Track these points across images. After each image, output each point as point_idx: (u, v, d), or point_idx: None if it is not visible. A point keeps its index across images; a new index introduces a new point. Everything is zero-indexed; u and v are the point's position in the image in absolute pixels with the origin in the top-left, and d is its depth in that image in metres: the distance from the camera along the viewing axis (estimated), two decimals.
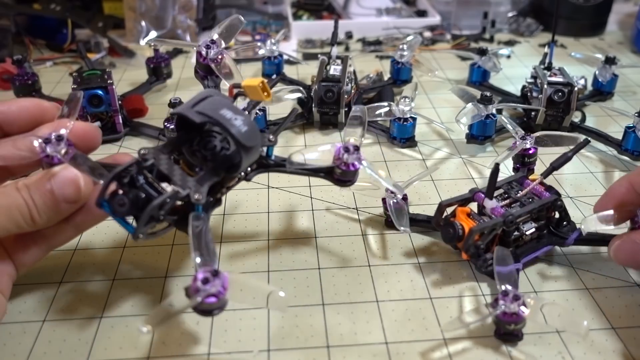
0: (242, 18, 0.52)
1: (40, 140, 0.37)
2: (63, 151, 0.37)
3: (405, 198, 0.45)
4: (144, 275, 0.42)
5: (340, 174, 0.39)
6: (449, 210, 0.43)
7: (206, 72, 0.51)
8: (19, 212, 0.33)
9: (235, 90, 0.38)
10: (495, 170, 0.40)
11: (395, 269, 0.43)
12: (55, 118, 0.40)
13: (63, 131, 0.37)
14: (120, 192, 0.33)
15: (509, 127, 0.52)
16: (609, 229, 0.39)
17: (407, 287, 0.41)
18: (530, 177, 0.46)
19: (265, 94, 0.36)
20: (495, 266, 0.38)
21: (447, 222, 0.41)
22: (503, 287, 0.36)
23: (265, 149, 0.39)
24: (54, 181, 0.34)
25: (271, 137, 0.38)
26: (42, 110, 0.40)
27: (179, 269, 0.43)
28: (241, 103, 0.38)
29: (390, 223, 0.46)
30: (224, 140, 0.36)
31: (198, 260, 0.32)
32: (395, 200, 0.44)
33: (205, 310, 0.32)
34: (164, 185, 0.34)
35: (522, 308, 0.35)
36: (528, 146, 0.48)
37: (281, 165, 0.40)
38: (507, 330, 0.36)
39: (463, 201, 0.42)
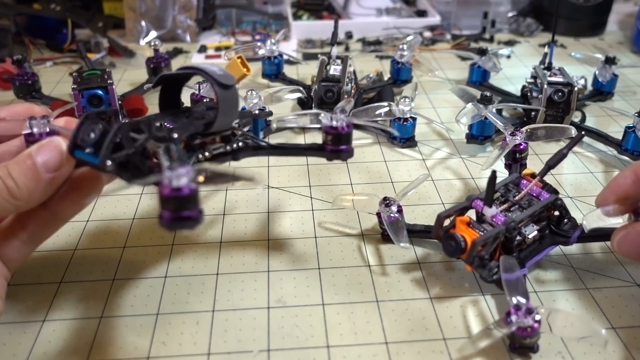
0: None
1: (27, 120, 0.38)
2: (47, 130, 0.38)
3: (400, 210, 0.44)
4: (144, 275, 0.42)
5: (331, 140, 0.36)
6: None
7: None
8: None
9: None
10: (493, 178, 0.39)
11: (395, 268, 0.43)
12: None
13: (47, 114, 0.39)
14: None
15: (499, 124, 0.52)
16: (614, 222, 0.38)
17: (407, 287, 0.41)
18: (524, 172, 0.45)
19: (245, 69, 0.36)
20: (502, 276, 0.37)
21: (448, 234, 0.40)
22: (514, 300, 0.35)
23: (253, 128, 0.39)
24: (36, 151, 0.34)
25: (265, 108, 0.38)
26: (33, 114, 0.40)
27: (180, 268, 0.43)
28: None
29: (387, 237, 0.45)
30: (210, 110, 0.36)
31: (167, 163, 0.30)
32: (390, 214, 0.43)
33: (180, 217, 0.28)
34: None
35: (536, 317, 0.34)
36: (518, 141, 0.48)
37: (273, 148, 0.38)
38: (522, 344, 0.35)
39: (461, 210, 0.41)
